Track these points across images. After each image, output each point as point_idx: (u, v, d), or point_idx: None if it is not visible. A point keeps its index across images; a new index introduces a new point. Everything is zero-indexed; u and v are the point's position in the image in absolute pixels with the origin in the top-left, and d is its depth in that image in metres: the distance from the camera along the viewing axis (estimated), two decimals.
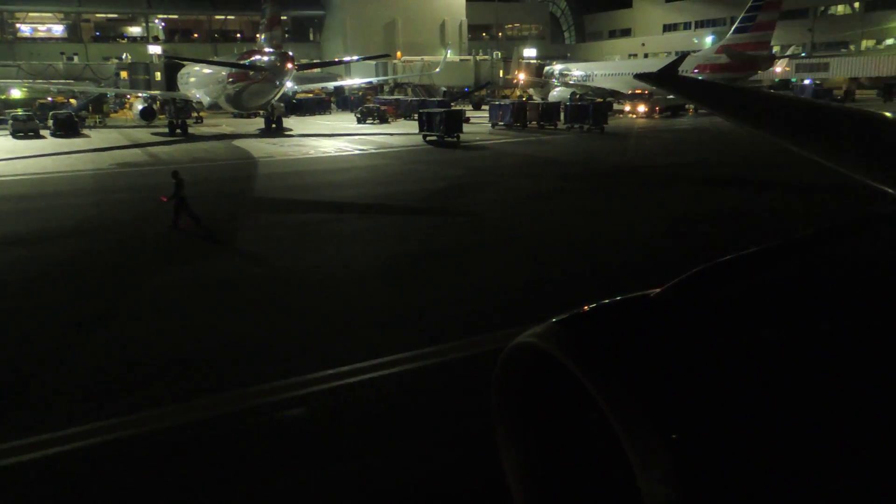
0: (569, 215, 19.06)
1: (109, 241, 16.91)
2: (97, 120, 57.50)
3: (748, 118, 4.99)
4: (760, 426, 1.40)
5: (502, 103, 52.76)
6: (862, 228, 2.37)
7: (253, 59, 39.80)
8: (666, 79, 10.55)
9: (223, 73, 42.43)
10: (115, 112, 63.82)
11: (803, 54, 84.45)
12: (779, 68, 73.11)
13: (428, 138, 39.92)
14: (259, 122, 53.07)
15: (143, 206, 20.84)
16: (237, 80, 40.60)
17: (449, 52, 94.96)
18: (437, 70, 61.07)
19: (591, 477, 1.86)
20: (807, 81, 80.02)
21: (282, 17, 39.96)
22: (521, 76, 75.40)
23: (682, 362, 1.53)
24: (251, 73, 39.52)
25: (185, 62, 55.15)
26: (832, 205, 17.59)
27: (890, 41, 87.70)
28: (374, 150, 36.32)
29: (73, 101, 59.65)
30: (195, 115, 54.45)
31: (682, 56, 50.62)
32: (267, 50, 40.02)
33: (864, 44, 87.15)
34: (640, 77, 10.99)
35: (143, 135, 46.46)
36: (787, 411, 1.42)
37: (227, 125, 54.20)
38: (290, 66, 39.45)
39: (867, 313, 1.72)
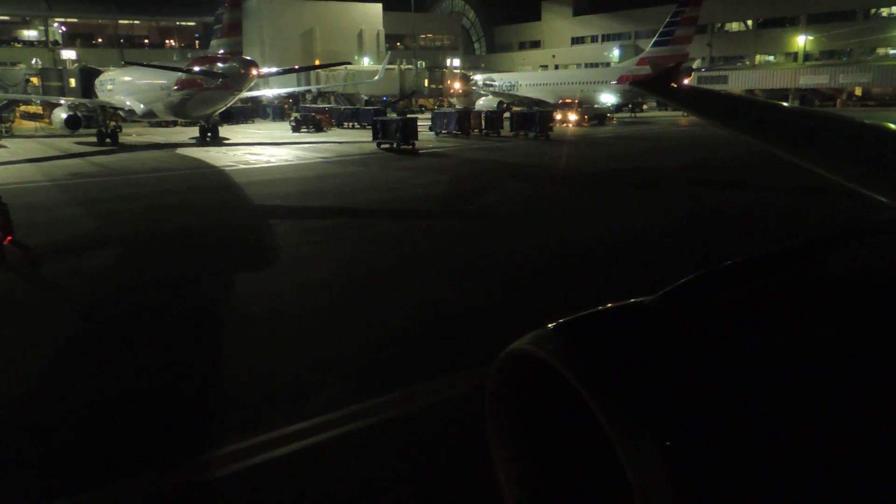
0: (589, 215, 19.80)
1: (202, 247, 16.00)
2: (3, 130, 53.33)
3: (743, 126, 5.00)
4: (755, 434, 1.41)
5: (446, 111, 53.49)
6: (857, 237, 2.38)
7: (207, 65, 38.10)
8: (661, 87, 11.17)
9: (164, 81, 40.44)
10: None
11: (703, 69, 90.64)
12: (686, 80, 78.19)
13: (382, 146, 40.01)
14: (185, 131, 51.10)
15: (152, 215, 19.83)
16: (184, 87, 38.71)
17: (367, 60, 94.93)
18: (377, 78, 60.87)
19: (587, 484, 1.89)
20: None
21: (240, 23, 38.29)
22: (457, 85, 76.59)
23: (677, 369, 1.54)
24: (201, 79, 37.85)
25: (102, 69, 52.03)
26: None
27: (771, 57, 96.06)
28: (337, 158, 35.87)
29: None
30: (111, 123, 51.55)
31: (677, 65, 52.84)
32: (221, 54, 38.42)
33: (758, 58, 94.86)
34: (635, 84, 11.85)
35: (68, 144, 43.58)
36: (781, 420, 1.43)
37: (137, 134, 51.48)
38: (254, 72, 38.13)
39: (863, 322, 1.73)
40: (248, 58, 40.06)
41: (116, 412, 7.86)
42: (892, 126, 4.04)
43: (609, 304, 1.82)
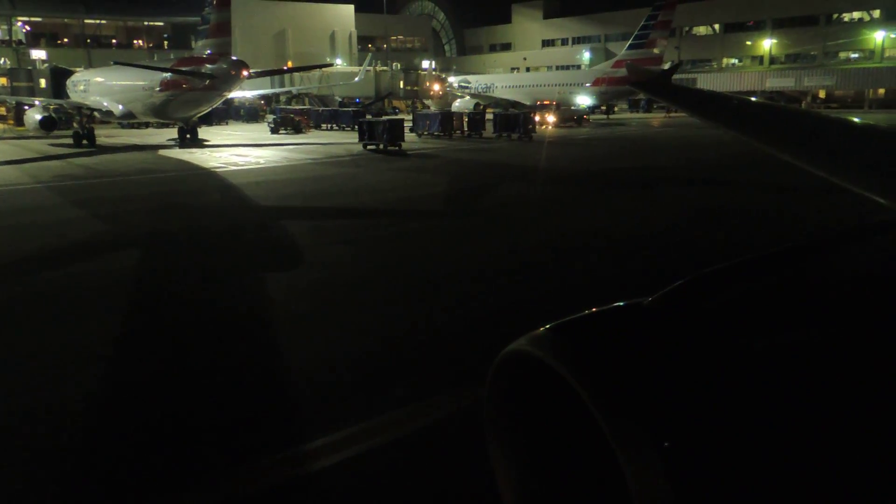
0: (596, 212, 20.15)
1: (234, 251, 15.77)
2: None
3: (743, 128, 5.02)
4: (754, 434, 1.41)
5: (429, 113, 53.82)
6: (857, 238, 2.39)
7: (194, 66, 37.56)
8: (660, 87, 11.45)
9: (145, 81, 39.79)
10: None
11: None
12: None
13: (368, 147, 40.10)
14: (160, 133, 50.30)
15: (159, 216, 19.54)
16: (168, 88, 38.11)
17: (340, 61, 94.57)
18: (357, 79, 60.80)
19: (585, 485, 1.90)
20: None
21: (229, 24, 37.76)
22: (436, 87, 76.94)
23: (676, 370, 1.55)
24: (186, 80, 37.31)
25: (74, 69, 50.94)
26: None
27: (735, 60, 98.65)
28: (326, 160, 35.74)
29: None
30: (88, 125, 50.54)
31: (675, 66, 53.52)
32: (208, 55, 37.91)
33: (725, 61, 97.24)
34: (634, 85, 12.11)
35: (43, 146, 42.47)
36: (780, 420, 1.44)
37: (107, 136, 50.28)
38: (245, 73, 37.72)
39: (861, 323, 1.73)
40: (237, 58, 39.64)
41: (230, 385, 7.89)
42: (891, 126, 4.12)
43: (607, 305, 1.83)
